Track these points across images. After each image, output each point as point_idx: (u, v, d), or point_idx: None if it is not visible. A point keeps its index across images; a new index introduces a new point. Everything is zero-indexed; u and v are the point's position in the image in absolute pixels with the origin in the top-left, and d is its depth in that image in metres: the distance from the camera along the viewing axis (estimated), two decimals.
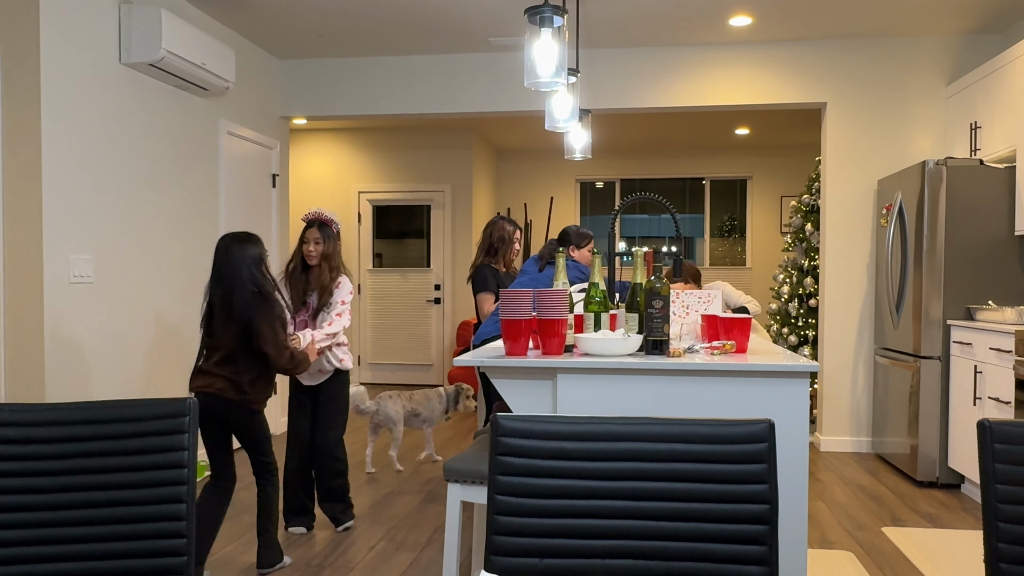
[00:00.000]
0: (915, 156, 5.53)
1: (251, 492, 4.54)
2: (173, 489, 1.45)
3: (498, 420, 1.40)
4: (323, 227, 3.70)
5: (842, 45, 5.61)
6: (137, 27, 4.32)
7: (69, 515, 1.44)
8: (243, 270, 3.12)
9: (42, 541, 1.43)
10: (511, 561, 1.36)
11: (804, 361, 2.36)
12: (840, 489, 4.64)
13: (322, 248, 3.69)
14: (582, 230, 4.39)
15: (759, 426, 1.36)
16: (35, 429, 1.46)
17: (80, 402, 1.51)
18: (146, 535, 1.44)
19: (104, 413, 1.48)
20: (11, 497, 1.43)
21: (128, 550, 1.44)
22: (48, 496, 1.44)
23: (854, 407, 5.64)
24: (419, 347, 8.97)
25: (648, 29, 5.42)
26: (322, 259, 3.69)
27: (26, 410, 1.47)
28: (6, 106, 3.80)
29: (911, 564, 3.44)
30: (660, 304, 2.47)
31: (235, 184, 5.66)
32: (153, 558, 1.44)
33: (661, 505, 1.36)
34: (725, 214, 9.81)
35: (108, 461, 1.46)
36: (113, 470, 1.46)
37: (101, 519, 1.45)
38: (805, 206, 6.57)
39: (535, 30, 2.69)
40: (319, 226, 3.70)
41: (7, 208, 3.80)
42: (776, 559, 1.33)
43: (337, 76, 6.20)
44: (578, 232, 4.38)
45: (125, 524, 1.44)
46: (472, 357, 2.47)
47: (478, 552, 3.12)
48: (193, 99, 5.09)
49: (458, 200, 8.86)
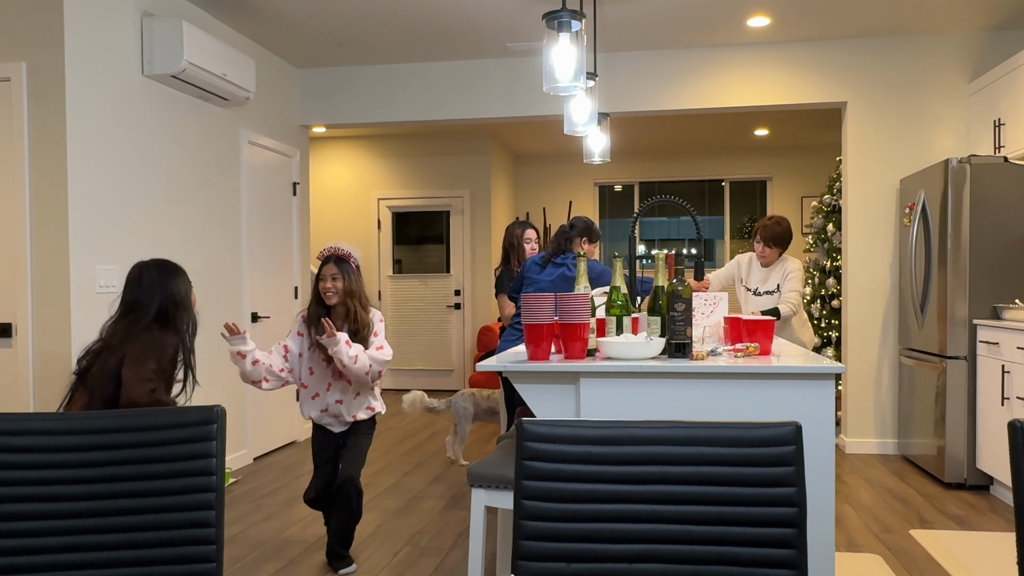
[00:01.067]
0: (938, 154, 5.48)
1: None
2: (202, 496, 1.46)
3: (523, 425, 1.40)
4: (340, 262, 3.35)
5: (862, 44, 5.57)
6: (159, 39, 4.37)
7: (100, 522, 1.46)
8: (154, 301, 2.90)
9: (73, 548, 1.45)
10: (538, 566, 1.36)
11: (828, 363, 2.34)
12: (866, 491, 4.59)
13: (341, 285, 3.32)
14: (594, 225, 4.32)
15: (786, 429, 1.35)
16: (66, 438, 1.48)
17: (109, 411, 1.52)
18: (176, 542, 1.45)
19: (133, 421, 1.50)
20: (43, 505, 1.45)
21: (158, 556, 1.45)
22: (79, 504, 1.46)
23: (879, 408, 5.58)
24: (440, 352, 8.98)
25: (666, 31, 5.41)
26: (345, 297, 3.32)
27: (57, 419, 1.49)
28: (32, 119, 3.86)
29: (940, 567, 3.40)
30: (682, 307, 2.46)
31: (256, 193, 5.70)
32: (183, 564, 1.45)
33: (688, 509, 1.35)
34: (745, 215, 9.76)
35: (137, 469, 1.48)
36: (142, 478, 1.47)
37: (131, 526, 1.46)
38: (826, 206, 6.52)
39: (553, 35, 2.69)
40: (336, 261, 3.34)
41: (34, 219, 3.86)
42: (805, 562, 1.32)
43: (355, 84, 6.24)
44: (591, 225, 4.30)
45: (155, 531, 1.46)
46: (495, 362, 2.47)
47: (502, 557, 3.12)
48: (214, 109, 5.15)
49: (477, 205, 8.88)
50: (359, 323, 3.33)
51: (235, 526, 4.09)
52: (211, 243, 5.11)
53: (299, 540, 3.86)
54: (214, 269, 5.14)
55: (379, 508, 4.38)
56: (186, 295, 3.00)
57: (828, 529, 2.31)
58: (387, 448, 5.94)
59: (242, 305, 5.46)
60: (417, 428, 6.75)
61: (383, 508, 4.39)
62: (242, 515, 4.28)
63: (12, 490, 1.44)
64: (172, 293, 2.94)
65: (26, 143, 3.85)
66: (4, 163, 3.89)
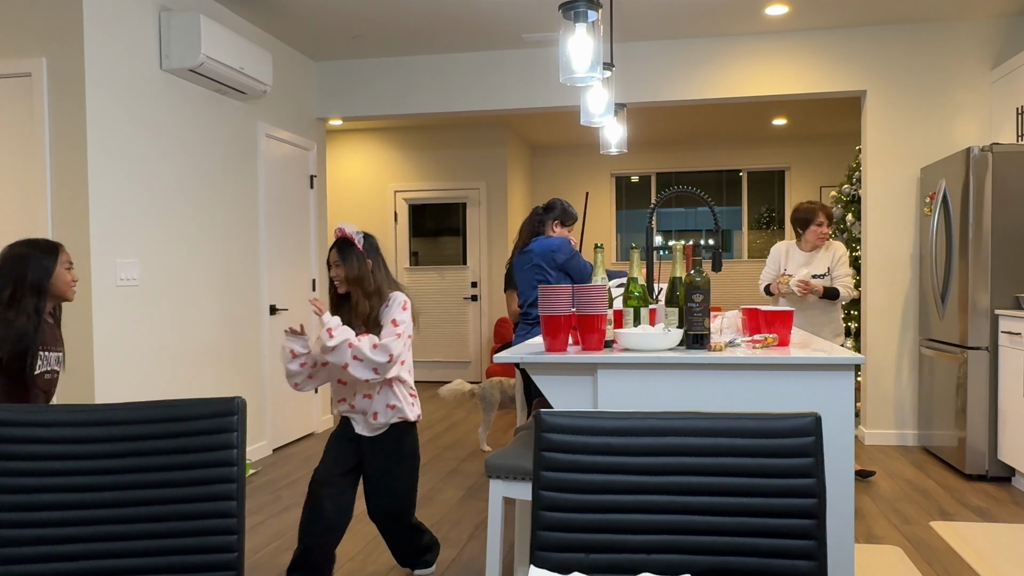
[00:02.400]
0: (959, 143, 5.42)
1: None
2: (223, 487, 1.47)
3: (542, 416, 1.41)
4: (343, 247, 2.94)
5: (881, 31, 5.51)
6: (177, 34, 4.39)
7: (123, 512, 1.48)
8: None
9: (96, 538, 1.47)
10: (557, 556, 1.36)
11: (848, 353, 2.32)
12: (886, 483, 4.57)
13: (343, 272, 2.93)
14: (570, 207, 4.25)
15: (806, 419, 1.35)
16: (89, 429, 1.50)
17: (131, 402, 1.54)
18: (197, 532, 1.47)
19: (154, 413, 1.51)
20: (66, 495, 1.47)
21: (180, 546, 1.47)
22: (102, 494, 1.48)
23: (899, 399, 5.54)
24: (457, 344, 9.01)
25: (683, 21, 5.37)
26: (353, 284, 2.93)
27: (80, 410, 1.50)
28: (53, 114, 3.89)
29: (961, 559, 3.38)
30: (700, 298, 2.45)
31: (274, 186, 5.73)
32: (205, 554, 1.46)
33: (707, 499, 1.35)
34: (763, 206, 9.70)
35: (160, 460, 1.49)
36: (164, 468, 1.49)
37: (154, 516, 1.48)
38: (845, 196, 6.47)
39: (569, 25, 2.68)
40: (338, 246, 2.95)
41: (56, 214, 3.90)
42: (824, 554, 1.32)
43: (371, 76, 6.25)
44: (566, 208, 4.23)
45: (177, 521, 1.47)
46: (512, 354, 2.48)
47: (520, 548, 3.13)
48: (232, 103, 5.17)
49: (493, 197, 8.87)
50: (360, 315, 2.92)
51: (255, 516, 4.13)
52: (229, 236, 5.14)
53: None
54: (232, 261, 5.17)
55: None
56: (40, 278, 2.75)
57: (848, 521, 2.30)
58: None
59: (260, 297, 5.50)
60: (434, 420, 6.77)
61: None
62: (262, 505, 4.32)
63: (36, 480, 1.46)
64: (22, 275, 2.73)
65: (47, 138, 3.88)
66: (26, 158, 3.93)
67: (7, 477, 1.46)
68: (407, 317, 2.90)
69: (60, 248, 2.83)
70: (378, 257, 2.99)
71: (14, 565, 1.44)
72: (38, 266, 2.75)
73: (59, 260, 2.80)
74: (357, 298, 2.92)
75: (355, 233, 2.96)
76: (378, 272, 2.96)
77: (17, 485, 1.46)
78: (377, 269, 2.96)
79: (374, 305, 2.90)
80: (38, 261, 2.75)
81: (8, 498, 1.45)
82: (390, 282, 3.00)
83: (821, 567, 1.32)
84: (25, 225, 3.93)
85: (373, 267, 2.95)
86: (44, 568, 1.44)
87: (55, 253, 2.80)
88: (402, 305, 2.90)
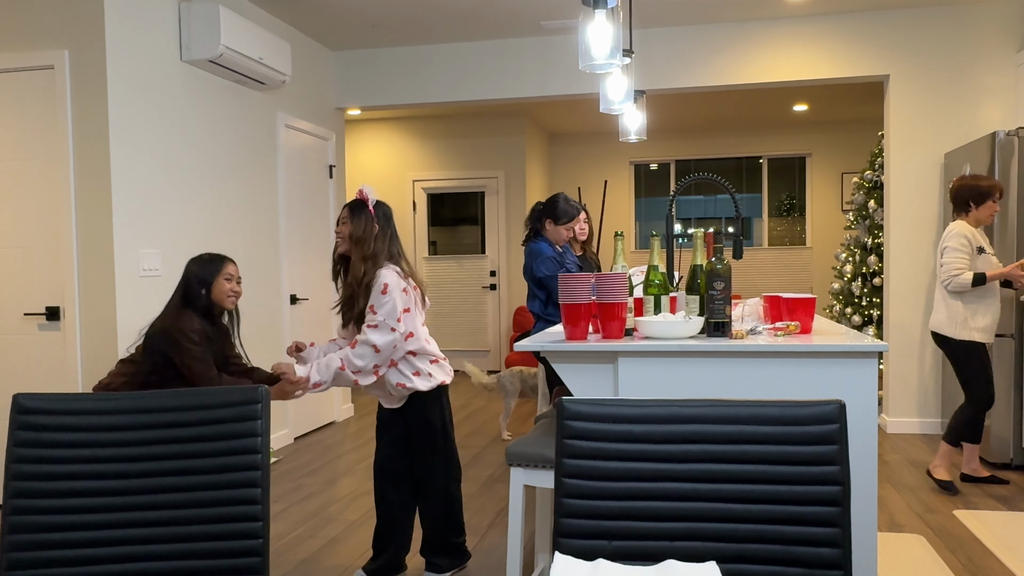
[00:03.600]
0: (984, 127, 5.34)
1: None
2: (248, 474, 1.49)
3: (564, 404, 1.41)
4: (355, 206, 2.92)
5: (904, 15, 5.43)
6: (196, 24, 4.41)
7: (150, 499, 1.50)
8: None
9: (124, 524, 1.49)
10: (580, 543, 1.37)
11: (870, 341, 2.30)
12: (908, 471, 4.53)
13: (348, 229, 2.90)
14: (571, 203, 4.03)
15: (830, 407, 1.34)
16: (116, 417, 1.52)
17: (157, 391, 1.56)
18: (223, 519, 1.49)
19: (181, 401, 1.53)
20: (95, 482, 1.49)
21: (207, 532, 1.49)
22: (130, 481, 1.50)
23: (922, 387, 5.49)
24: (476, 333, 9.02)
25: (703, 6, 5.33)
26: (354, 244, 2.88)
27: (108, 399, 1.52)
28: (75, 107, 3.93)
29: (985, 548, 3.35)
30: (721, 285, 2.44)
31: (293, 176, 5.76)
32: (231, 540, 1.48)
33: (730, 487, 1.35)
34: (784, 193, 9.62)
35: (186, 447, 1.51)
36: (191, 456, 1.51)
37: (181, 503, 1.50)
38: (868, 182, 6.40)
39: (589, 12, 2.66)
40: (351, 205, 2.93)
41: (79, 205, 3.94)
42: (848, 541, 1.31)
43: (389, 66, 6.25)
44: (567, 203, 4.01)
45: (203, 508, 1.49)
46: (532, 342, 2.48)
47: (541, 535, 3.14)
48: (251, 93, 5.19)
49: (512, 186, 8.86)
50: (354, 278, 2.88)
51: (277, 504, 4.17)
52: (250, 226, 5.17)
53: (341, 518, 3.92)
54: (253, 251, 5.20)
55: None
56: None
57: (871, 509, 2.29)
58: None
59: (281, 287, 5.53)
60: (454, 408, 6.80)
61: None
62: (284, 493, 4.36)
63: (66, 468, 1.49)
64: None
65: (70, 130, 3.92)
66: (49, 150, 3.97)
67: (38, 464, 1.48)
68: (388, 299, 2.82)
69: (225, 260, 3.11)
70: (388, 226, 2.94)
71: (44, 551, 1.46)
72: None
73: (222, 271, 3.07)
74: (354, 260, 2.87)
75: (371, 196, 2.93)
76: (382, 240, 2.90)
77: (47, 472, 1.48)
78: (382, 237, 2.90)
79: (367, 270, 2.85)
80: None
81: (38, 484, 1.48)
82: (389, 255, 2.92)
83: (845, 554, 1.31)
84: (50, 218, 3.97)
85: (379, 234, 2.90)
86: (73, 554, 1.47)
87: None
88: (382, 289, 2.82)
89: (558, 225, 4.01)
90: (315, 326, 6.04)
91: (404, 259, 2.98)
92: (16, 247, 4.04)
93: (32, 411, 1.50)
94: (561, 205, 4.00)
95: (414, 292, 2.96)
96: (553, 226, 4.02)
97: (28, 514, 1.46)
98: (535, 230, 4.11)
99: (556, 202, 4.02)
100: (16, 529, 1.46)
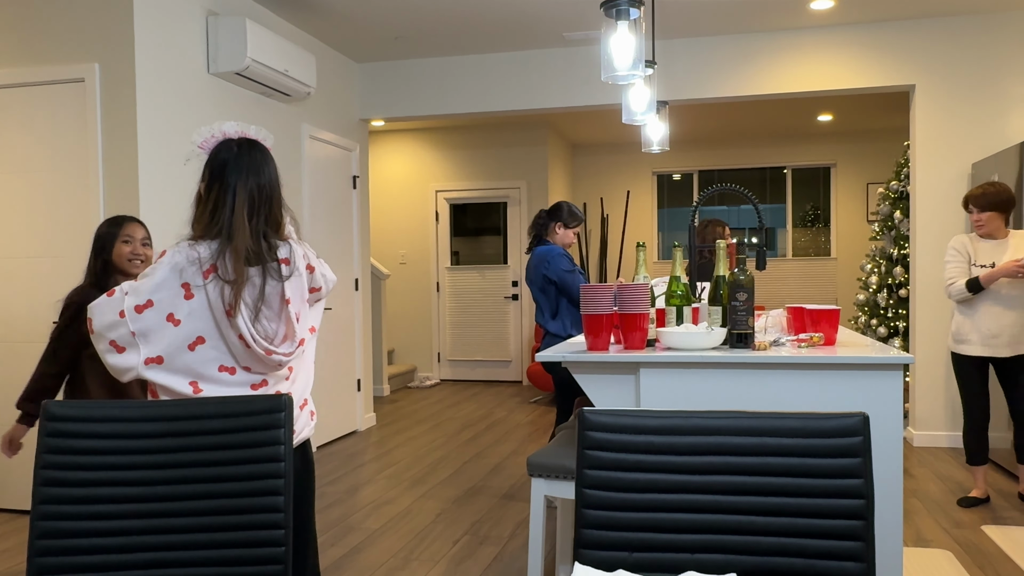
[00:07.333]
0: (1012, 137, 5.28)
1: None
2: (271, 482, 1.50)
3: (585, 415, 1.41)
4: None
5: (931, 24, 5.39)
6: (223, 38, 4.48)
7: (174, 506, 1.51)
8: None
9: (148, 531, 1.51)
10: (601, 555, 1.36)
11: (896, 353, 2.28)
12: (935, 485, 4.47)
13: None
14: (575, 209, 4.19)
15: (854, 419, 1.33)
16: (141, 424, 1.54)
17: (183, 399, 1.58)
18: (246, 526, 1.50)
19: (205, 409, 1.55)
20: (120, 489, 1.51)
21: (230, 540, 1.50)
22: (155, 488, 1.51)
23: (949, 400, 5.42)
24: (498, 344, 9.03)
25: (725, 17, 5.32)
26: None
27: (133, 406, 1.55)
28: (105, 119, 4.00)
29: (1015, 565, 3.29)
30: (744, 297, 2.43)
31: (318, 187, 5.81)
32: (254, 548, 1.49)
33: (752, 499, 1.34)
34: (808, 203, 9.55)
35: (210, 455, 1.53)
36: (214, 463, 1.52)
37: (204, 510, 1.51)
38: (893, 193, 6.34)
39: (611, 23, 2.67)
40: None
41: (109, 216, 3.99)
42: (872, 555, 1.30)
43: (413, 77, 6.29)
44: (571, 209, 4.17)
45: (227, 515, 1.51)
46: (554, 353, 2.48)
47: (562, 546, 3.13)
48: (277, 105, 5.25)
49: (534, 196, 8.88)
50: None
51: None
52: None
53: (362, 527, 3.94)
54: None
55: (439, 497, 4.44)
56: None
57: (896, 523, 2.26)
58: (446, 438, 6.01)
59: None
60: (476, 418, 6.80)
61: (442, 497, 4.44)
62: None
63: (92, 474, 1.51)
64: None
65: (99, 141, 3.99)
66: (79, 161, 4.04)
67: (64, 471, 1.50)
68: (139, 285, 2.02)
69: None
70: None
71: (71, 556, 1.48)
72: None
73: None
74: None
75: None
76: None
77: (73, 479, 1.50)
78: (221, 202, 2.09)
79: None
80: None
81: (65, 491, 1.50)
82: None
83: (869, 569, 1.30)
84: (80, 227, 4.04)
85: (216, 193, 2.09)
86: (98, 560, 1.49)
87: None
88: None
89: (568, 228, 4.14)
90: (340, 334, 6.08)
91: None
92: (46, 257, 4.10)
93: (62, 418, 1.52)
94: (569, 209, 4.16)
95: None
96: (563, 230, 4.15)
97: (56, 520, 1.49)
98: (539, 237, 4.19)
99: (563, 207, 4.17)
100: (45, 535, 1.48)
